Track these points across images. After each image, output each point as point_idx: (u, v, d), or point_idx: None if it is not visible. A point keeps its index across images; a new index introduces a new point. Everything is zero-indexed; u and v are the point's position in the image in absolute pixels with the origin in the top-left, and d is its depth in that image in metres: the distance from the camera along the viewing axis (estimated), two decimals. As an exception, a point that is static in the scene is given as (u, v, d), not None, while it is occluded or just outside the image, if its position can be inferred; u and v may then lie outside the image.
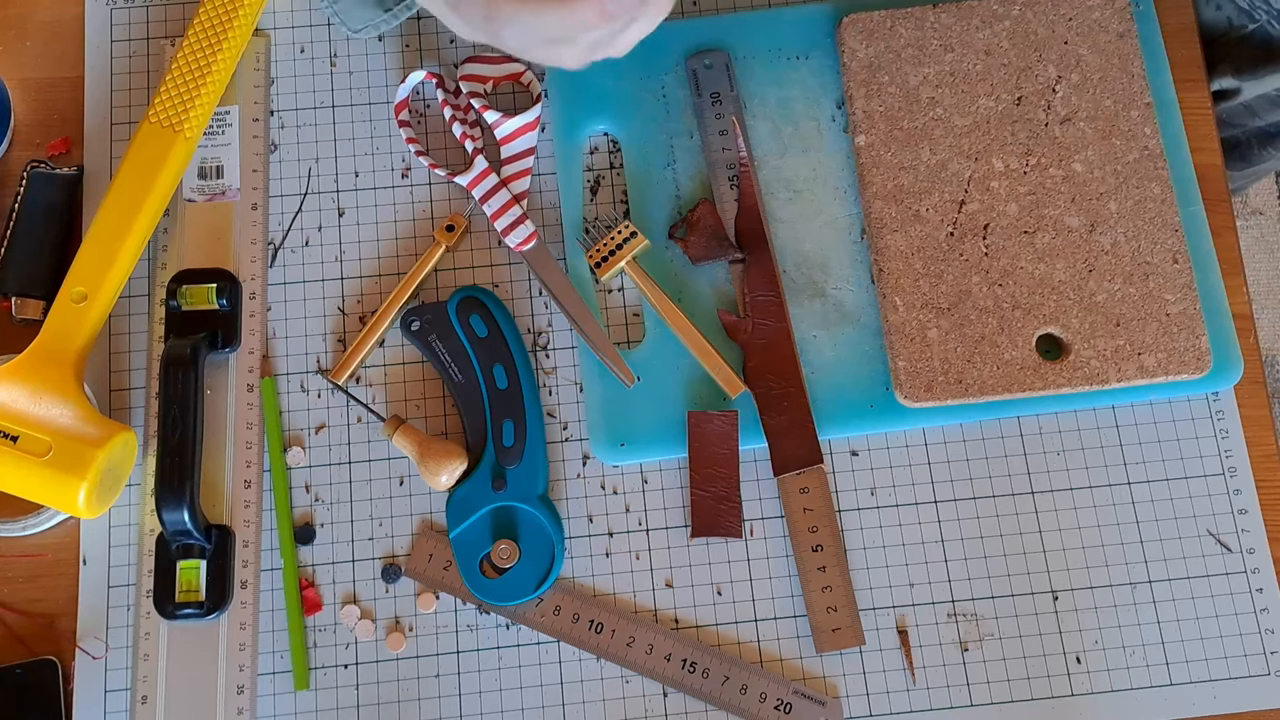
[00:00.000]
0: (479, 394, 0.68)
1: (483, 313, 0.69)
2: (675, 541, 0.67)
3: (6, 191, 0.73)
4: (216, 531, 0.66)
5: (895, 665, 0.65)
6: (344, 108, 0.74)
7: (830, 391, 0.68)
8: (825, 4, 0.75)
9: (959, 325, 0.67)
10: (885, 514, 0.68)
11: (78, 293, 0.66)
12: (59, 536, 0.67)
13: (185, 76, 0.71)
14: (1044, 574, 0.67)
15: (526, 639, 0.66)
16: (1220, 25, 0.83)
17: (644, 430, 0.68)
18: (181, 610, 0.65)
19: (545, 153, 0.73)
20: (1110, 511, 0.68)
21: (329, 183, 0.73)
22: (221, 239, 0.71)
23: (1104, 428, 0.69)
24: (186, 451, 0.65)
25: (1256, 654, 0.66)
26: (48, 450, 0.62)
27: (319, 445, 0.69)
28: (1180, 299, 0.67)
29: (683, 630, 0.66)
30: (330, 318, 0.71)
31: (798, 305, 0.70)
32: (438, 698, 0.65)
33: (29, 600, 0.66)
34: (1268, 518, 0.67)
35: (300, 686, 0.65)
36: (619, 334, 0.70)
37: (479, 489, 0.66)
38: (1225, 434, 0.69)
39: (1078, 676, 0.65)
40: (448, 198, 0.73)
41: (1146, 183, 0.69)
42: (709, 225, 0.70)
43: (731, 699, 0.64)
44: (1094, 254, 0.68)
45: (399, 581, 0.67)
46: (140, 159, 0.69)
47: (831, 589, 0.66)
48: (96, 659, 0.65)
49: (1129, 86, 0.71)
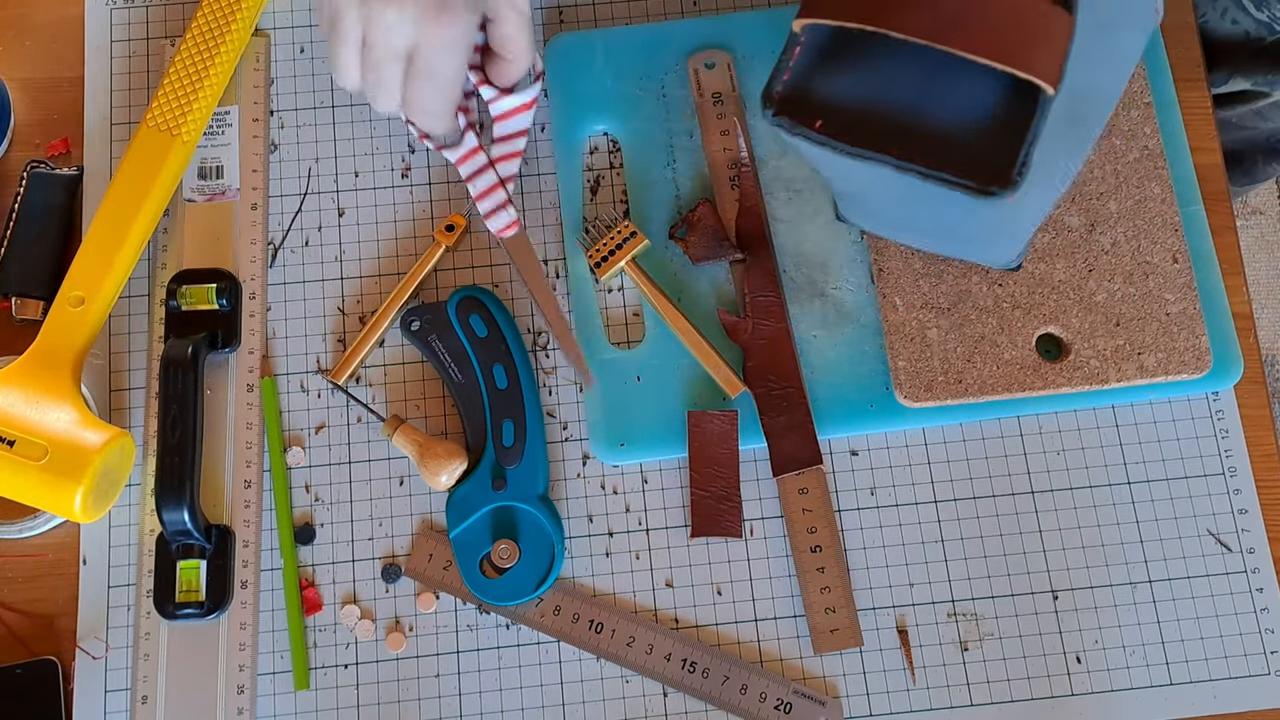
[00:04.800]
0: (479, 394, 0.68)
1: (483, 313, 0.69)
2: (675, 541, 0.67)
3: (6, 191, 0.73)
4: (216, 531, 0.66)
5: (895, 665, 0.65)
6: (344, 108, 0.74)
7: (830, 391, 0.68)
8: (825, 4, 0.75)
9: (959, 325, 0.67)
10: (885, 514, 0.68)
11: (75, 297, 0.66)
12: (59, 537, 0.67)
13: (184, 78, 0.71)
14: (1044, 574, 0.67)
15: (526, 639, 0.66)
16: (1237, 38, 0.82)
17: (644, 430, 0.68)
18: (181, 610, 0.65)
19: (545, 153, 0.73)
20: (1110, 511, 0.68)
21: (329, 183, 0.73)
22: (221, 239, 0.71)
23: (1104, 428, 0.69)
24: (186, 451, 0.65)
25: (1256, 654, 0.66)
26: (44, 455, 0.62)
27: (319, 445, 0.69)
28: (1180, 299, 0.67)
29: (683, 630, 0.66)
30: (330, 318, 0.71)
31: (798, 305, 0.70)
32: (438, 698, 0.65)
33: (29, 600, 0.66)
34: (1268, 517, 0.67)
35: (300, 686, 0.65)
36: (619, 334, 0.70)
37: (479, 489, 0.66)
38: (1225, 434, 0.69)
39: (1078, 676, 0.65)
40: (448, 198, 0.73)
41: (1146, 182, 0.69)
42: (709, 225, 0.70)
43: (731, 699, 0.64)
44: (1094, 253, 0.68)
45: (399, 581, 0.67)
46: (138, 163, 0.69)
47: (830, 589, 0.66)
48: (97, 659, 0.65)
49: (1129, 86, 0.71)
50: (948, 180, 0.50)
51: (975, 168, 0.50)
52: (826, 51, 0.54)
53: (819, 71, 0.54)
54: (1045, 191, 0.57)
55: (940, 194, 0.53)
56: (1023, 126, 0.50)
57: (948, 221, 0.59)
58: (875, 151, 0.52)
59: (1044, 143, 0.51)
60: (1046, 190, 0.57)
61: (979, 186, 0.50)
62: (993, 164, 0.50)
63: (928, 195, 0.54)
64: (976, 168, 0.50)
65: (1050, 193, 0.58)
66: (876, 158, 0.52)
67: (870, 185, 0.57)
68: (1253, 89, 0.86)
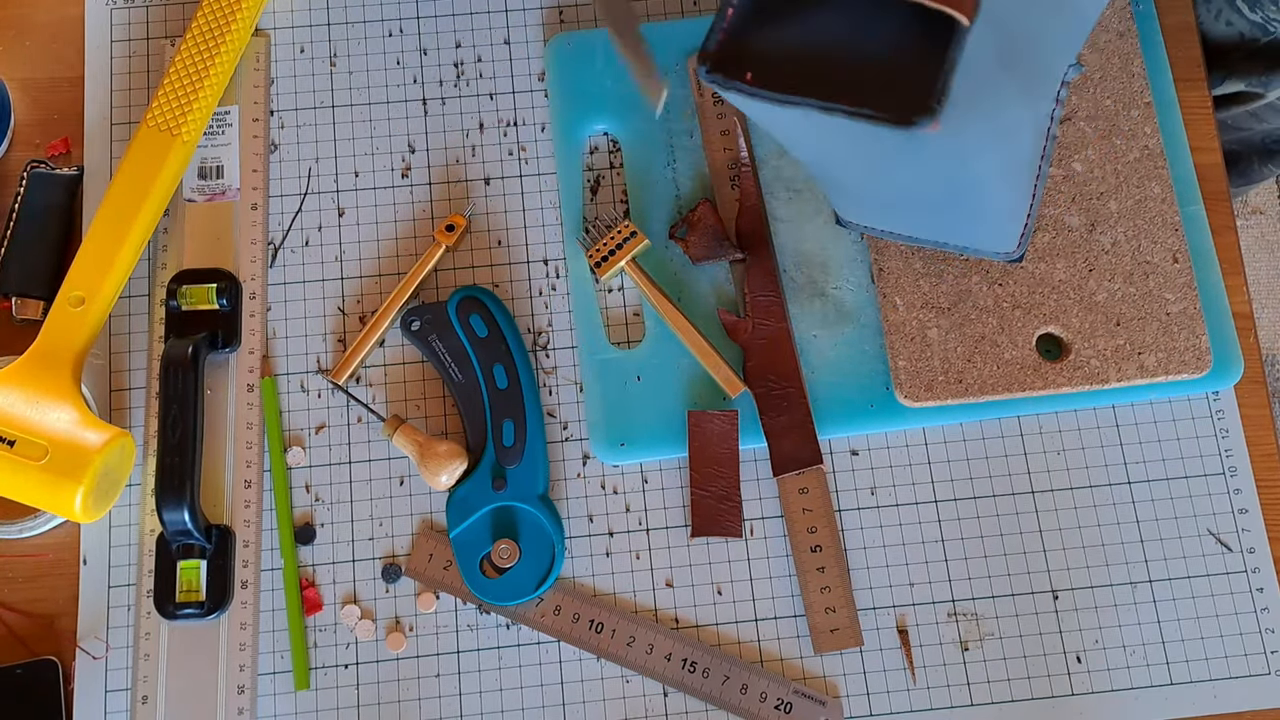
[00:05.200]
0: (479, 394, 0.68)
1: (483, 313, 0.69)
2: (675, 541, 0.67)
3: (6, 191, 0.73)
4: (217, 531, 0.66)
5: (895, 665, 0.65)
6: (344, 108, 0.74)
7: (830, 391, 0.68)
8: (825, 3, 0.75)
9: (959, 325, 0.67)
10: (885, 514, 0.68)
11: (75, 297, 0.66)
12: (60, 537, 0.67)
13: (184, 78, 0.71)
14: (1044, 574, 0.67)
15: (526, 639, 0.66)
16: (1231, 39, 0.82)
17: (644, 430, 0.68)
18: (182, 610, 0.65)
19: (545, 153, 0.73)
20: (1110, 511, 0.68)
21: (329, 183, 0.73)
22: (221, 239, 0.71)
23: (1104, 427, 0.69)
24: (187, 451, 0.65)
25: (1257, 653, 0.66)
26: (44, 455, 0.62)
27: (319, 445, 0.69)
28: (1180, 298, 0.67)
29: (683, 630, 0.66)
30: (330, 318, 0.71)
31: (798, 305, 0.70)
32: (438, 698, 0.65)
33: (29, 600, 0.66)
34: (1268, 517, 0.67)
35: (300, 686, 0.65)
36: (619, 334, 0.70)
37: (479, 489, 0.66)
38: (1225, 433, 0.69)
39: (1078, 676, 0.65)
40: (448, 198, 0.73)
41: (1147, 182, 0.69)
42: (709, 225, 0.70)
43: (731, 699, 0.64)
44: (1094, 253, 0.68)
45: (399, 581, 0.67)
46: (138, 163, 0.69)
47: (830, 589, 0.66)
48: (97, 659, 0.65)
49: (1129, 86, 0.71)
50: (871, 115, 0.52)
51: (899, 102, 0.52)
52: (761, 7, 0.55)
53: (754, 27, 0.55)
54: (994, 140, 0.57)
55: (883, 144, 0.54)
56: (943, 58, 0.51)
57: (914, 188, 0.60)
58: (801, 96, 0.53)
59: (976, 81, 0.52)
60: (995, 139, 0.57)
61: (900, 116, 0.51)
62: (915, 97, 0.52)
63: (872, 150, 0.55)
64: (900, 102, 0.52)
65: (1003, 143, 0.58)
66: (803, 102, 0.54)
67: (817, 144, 0.58)
68: (1247, 90, 0.86)
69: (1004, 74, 0.55)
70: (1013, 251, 0.65)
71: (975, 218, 0.63)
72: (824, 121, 0.54)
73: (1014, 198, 0.62)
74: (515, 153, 0.73)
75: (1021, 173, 0.61)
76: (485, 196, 0.73)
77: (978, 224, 0.63)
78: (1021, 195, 0.63)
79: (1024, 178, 0.62)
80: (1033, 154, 0.61)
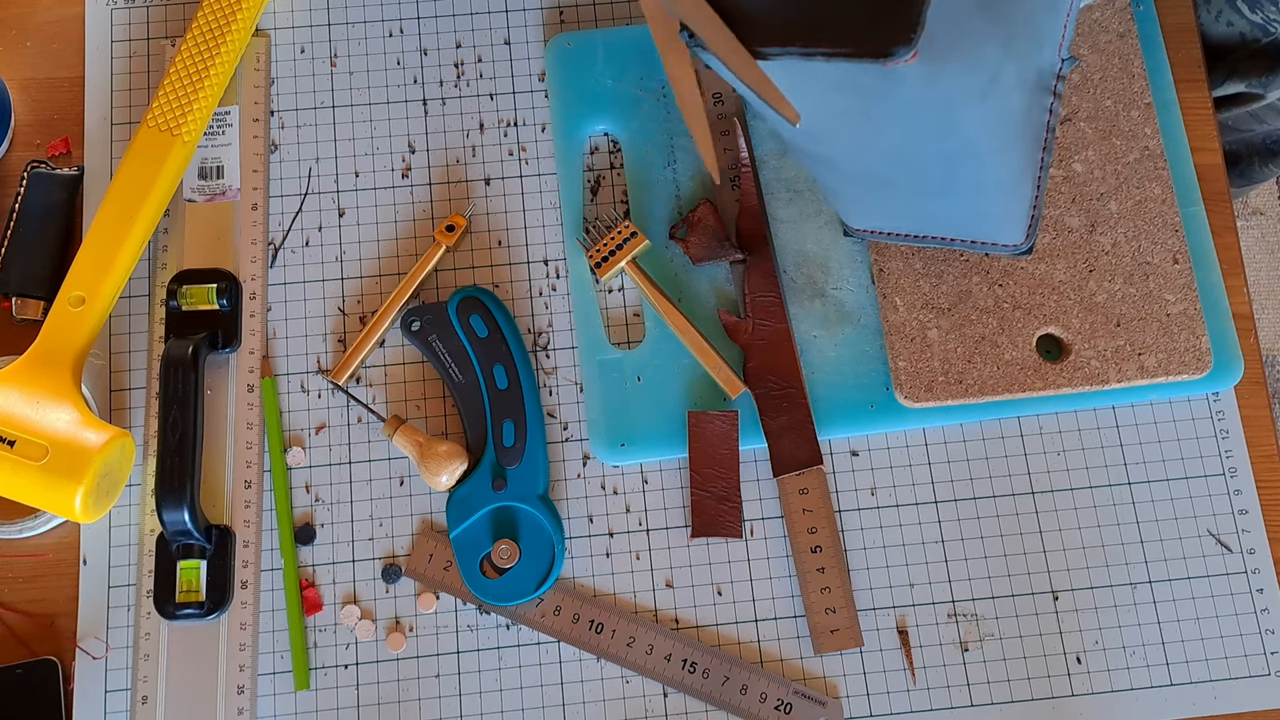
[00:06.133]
0: (479, 394, 0.68)
1: (483, 313, 0.69)
2: (675, 541, 0.67)
3: (6, 191, 0.73)
4: (217, 531, 0.66)
5: (895, 665, 0.65)
6: (344, 108, 0.74)
7: (830, 391, 0.68)
8: (825, 4, 0.75)
9: (959, 325, 0.67)
10: (885, 514, 0.68)
11: (75, 297, 0.66)
12: (60, 537, 0.67)
13: (184, 78, 0.71)
14: (1044, 574, 0.67)
15: (526, 639, 0.66)
16: (1232, 40, 0.82)
17: (644, 430, 0.68)
18: (182, 610, 0.65)
19: (545, 153, 0.73)
20: (1110, 511, 0.68)
21: (329, 183, 0.73)
22: (222, 239, 0.71)
23: (1104, 428, 0.69)
24: (187, 451, 0.65)
25: (1257, 654, 0.66)
26: (44, 455, 0.62)
27: (319, 445, 0.69)
28: (1180, 299, 0.67)
29: (683, 630, 0.66)
30: (330, 318, 0.71)
31: (798, 305, 0.70)
32: (438, 698, 0.65)
33: (29, 600, 0.66)
34: (1268, 518, 0.67)
35: (300, 686, 0.65)
36: (619, 334, 0.70)
37: (479, 489, 0.66)
38: (1225, 434, 0.69)
39: (1078, 676, 0.65)
40: (448, 198, 0.73)
41: (1147, 183, 0.69)
42: (709, 225, 0.70)
43: (731, 699, 0.64)
44: (1094, 254, 0.68)
45: (399, 581, 0.67)
46: (138, 163, 0.69)
47: (830, 589, 0.66)
48: (97, 659, 0.65)
49: (1129, 86, 0.71)
50: (850, 53, 0.53)
51: (877, 38, 0.53)
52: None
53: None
54: (980, 92, 0.56)
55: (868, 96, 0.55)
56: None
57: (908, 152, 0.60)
58: (781, 46, 0.54)
59: (954, 20, 0.53)
60: (981, 91, 0.57)
61: (878, 49, 0.52)
62: (892, 31, 0.52)
63: (855, 107, 0.56)
64: (878, 38, 0.53)
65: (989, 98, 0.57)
66: (783, 51, 0.54)
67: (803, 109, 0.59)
68: (1248, 91, 0.86)
69: (982, 17, 0.55)
70: (1021, 243, 0.65)
71: (976, 194, 0.62)
72: (806, 75, 0.54)
73: (1012, 170, 0.61)
74: (515, 153, 0.73)
75: (1014, 135, 0.61)
76: (485, 197, 0.73)
77: (980, 203, 0.62)
78: (1021, 171, 0.62)
79: (1019, 145, 0.61)
80: (1024, 115, 0.60)
